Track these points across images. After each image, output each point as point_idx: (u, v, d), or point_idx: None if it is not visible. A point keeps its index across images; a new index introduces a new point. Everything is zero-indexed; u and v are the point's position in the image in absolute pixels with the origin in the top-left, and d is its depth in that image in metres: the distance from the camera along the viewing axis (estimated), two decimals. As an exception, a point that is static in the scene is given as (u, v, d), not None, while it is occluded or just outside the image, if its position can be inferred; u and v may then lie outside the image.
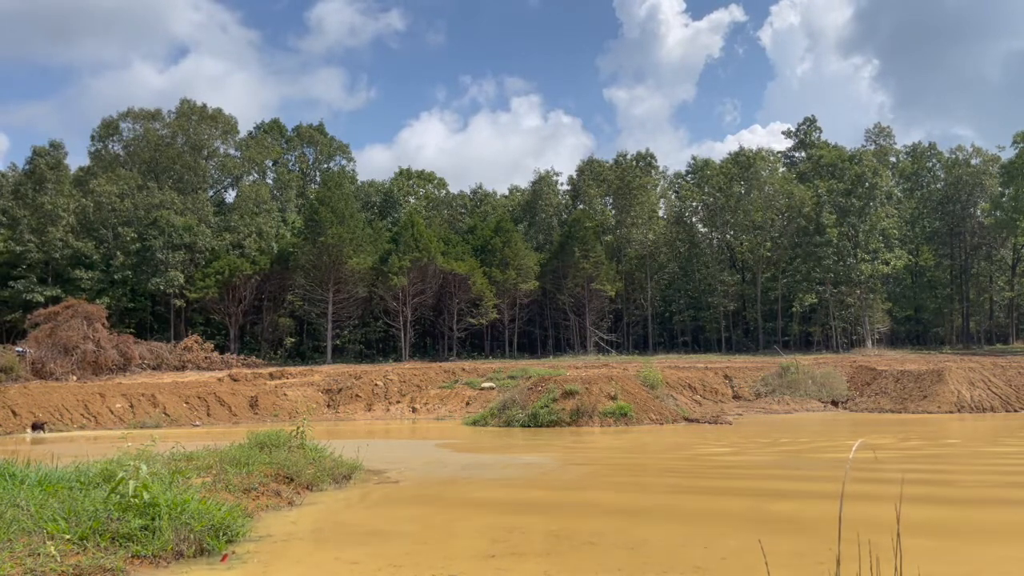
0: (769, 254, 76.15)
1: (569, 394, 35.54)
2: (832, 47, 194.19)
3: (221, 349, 62.54)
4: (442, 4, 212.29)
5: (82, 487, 11.11)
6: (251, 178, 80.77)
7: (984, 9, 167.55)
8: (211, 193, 79.50)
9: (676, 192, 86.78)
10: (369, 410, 44.20)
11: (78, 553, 8.46)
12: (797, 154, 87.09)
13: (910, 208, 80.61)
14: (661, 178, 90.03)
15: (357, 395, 45.42)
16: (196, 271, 67.61)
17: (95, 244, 66.89)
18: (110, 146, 76.87)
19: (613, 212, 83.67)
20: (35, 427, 36.40)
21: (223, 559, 9.22)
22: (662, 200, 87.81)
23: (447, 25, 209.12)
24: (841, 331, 73.92)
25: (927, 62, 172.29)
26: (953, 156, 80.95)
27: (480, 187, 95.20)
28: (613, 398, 35.19)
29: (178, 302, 66.99)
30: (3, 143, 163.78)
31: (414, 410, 43.92)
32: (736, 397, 45.70)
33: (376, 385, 46.44)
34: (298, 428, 18.49)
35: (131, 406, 40.09)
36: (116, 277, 65.76)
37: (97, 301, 58.58)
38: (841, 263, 70.26)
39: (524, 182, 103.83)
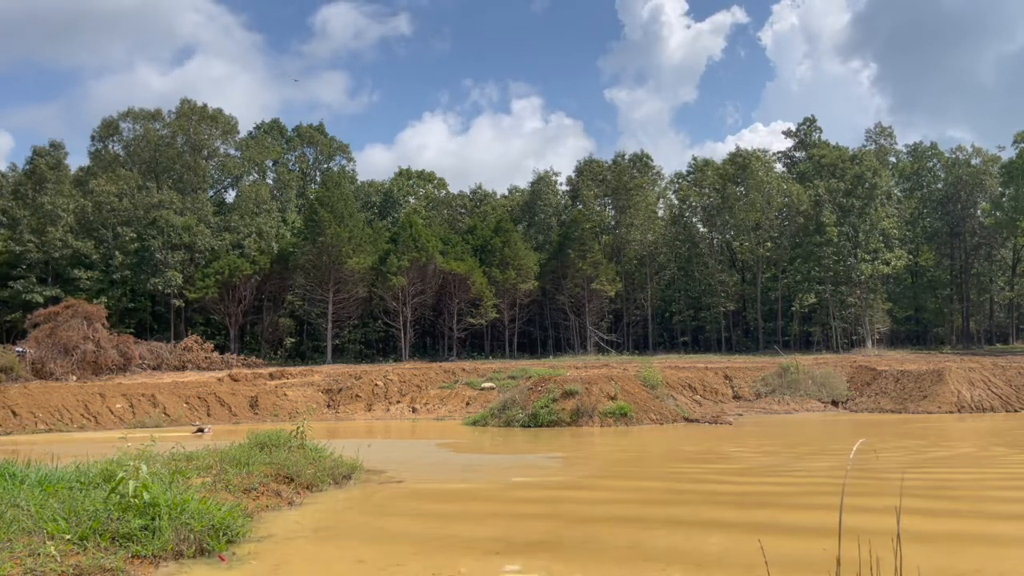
0: (769, 254, 76.06)
1: (569, 394, 35.51)
2: (831, 50, 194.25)
3: (221, 349, 62.50)
4: (447, 10, 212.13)
5: (82, 487, 11.10)
6: (251, 178, 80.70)
7: (979, 12, 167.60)
8: (211, 193, 79.43)
9: (675, 192, 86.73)
10: (369, 410, 44.17)
11: (78, 553, 8.45)
12: (798, 154, 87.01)
13: (910, 208, 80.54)
14: (657, 178, 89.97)
15: (357, 395, 45.40)
16: (196, 271, 67.58)
17: (95, 244, 66.86)
18: (110, 146, 76.81)
19: (612, 212, 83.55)
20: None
21: (221, 559, 9.21)
22: (661, 200, 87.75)
23: (452, 31, 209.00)
24: (841, 331, 73.86)
25: (923, 65, 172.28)
26: (953, 156, 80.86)
27: (480, 187, 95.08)
28: (613, 398, 35.17)
29: (178, 302, 66.98)
30: (7, 144, 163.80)
31: (414, 410, 43.90)
32: (736, 397, 45.66)
33: (376, 385, 46.43)
34: (298, 428, 18.47)
35: (131, 406, 40.07)
36: (115, 277, 65.75)
37: (96, 301, 58.48)
38: (841, 263, 70.21)
39: (524, 183, 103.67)
